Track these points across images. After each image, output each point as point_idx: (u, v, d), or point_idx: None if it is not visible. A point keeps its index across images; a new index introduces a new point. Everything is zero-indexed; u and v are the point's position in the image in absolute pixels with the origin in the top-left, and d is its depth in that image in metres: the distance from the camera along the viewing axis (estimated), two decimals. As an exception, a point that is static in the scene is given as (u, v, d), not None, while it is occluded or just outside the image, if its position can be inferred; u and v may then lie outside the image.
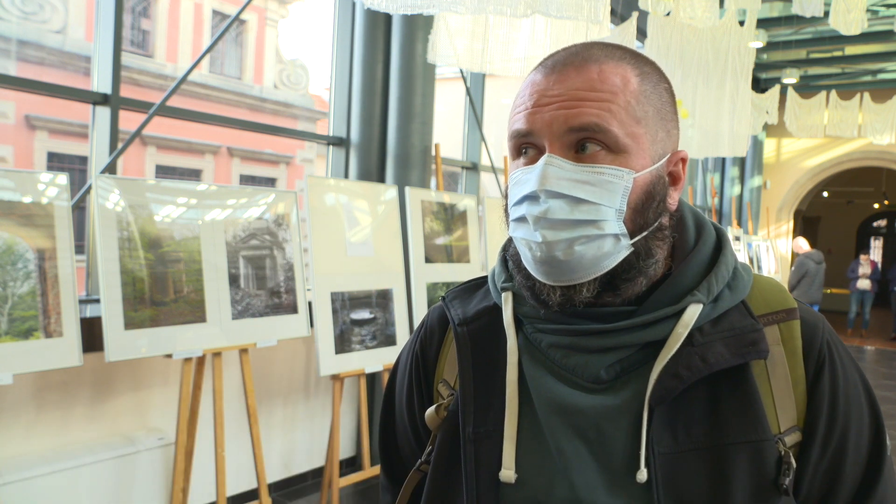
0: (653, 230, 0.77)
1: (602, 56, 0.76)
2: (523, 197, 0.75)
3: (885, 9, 7.57)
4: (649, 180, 0.76)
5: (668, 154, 0.79)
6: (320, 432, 4.06)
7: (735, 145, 5.58)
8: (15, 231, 2.38)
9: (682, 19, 3.98)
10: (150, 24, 14.90)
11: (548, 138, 0.74)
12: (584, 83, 0.74)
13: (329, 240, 3.36)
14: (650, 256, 0.77)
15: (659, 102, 0.78)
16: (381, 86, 4.36)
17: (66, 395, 2.95)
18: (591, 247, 0.73)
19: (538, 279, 0.77)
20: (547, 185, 0.73)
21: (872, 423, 0.79)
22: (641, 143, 0.75)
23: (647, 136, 0.76)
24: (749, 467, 0.71)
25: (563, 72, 0.75)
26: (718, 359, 0.73)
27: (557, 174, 0.73)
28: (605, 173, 0.73)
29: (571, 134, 0.74)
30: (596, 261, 0.74)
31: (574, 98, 0.74)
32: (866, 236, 18.76)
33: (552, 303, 0.77)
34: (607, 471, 0.74)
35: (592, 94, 0.73)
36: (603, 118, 0.73)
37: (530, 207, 0.74)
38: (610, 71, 0.75)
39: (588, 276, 0.75)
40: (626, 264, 0.76)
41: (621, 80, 0.75)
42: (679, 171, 0.80)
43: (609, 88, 0.74)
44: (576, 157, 0.74)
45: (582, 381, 0.77)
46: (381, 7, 2.58)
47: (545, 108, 0.75)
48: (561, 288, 0.76)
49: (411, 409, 0.92)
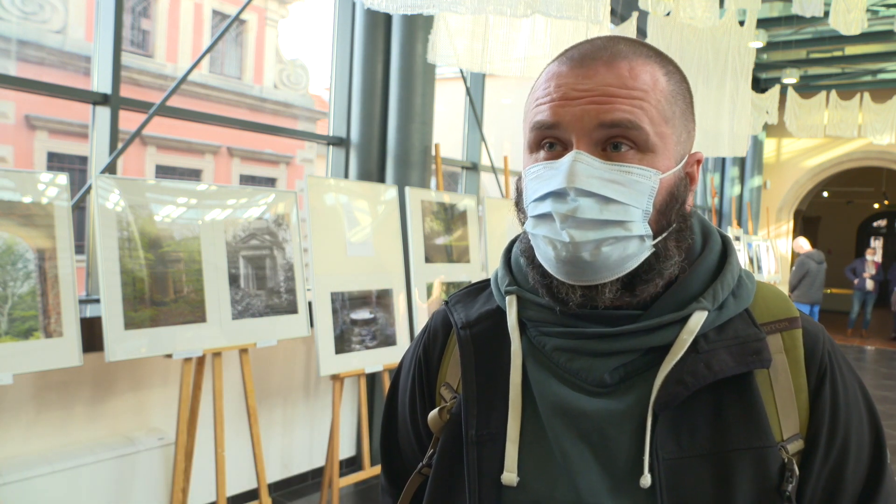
0: (672, 231, 0.77)
1: (630, 53, 0.74)
2: (548, 193, 0.73)
3: (885, 9, 7.56)
4: (673, 182, 0.76)
5: (686, 155, 0.79)
6: (320, 432, 4.06)
7: (735, 145, 5.57)
8: (15, 231, 2.38)
9: (682, 19, 3.98)
10: (150, 24, 14.90)
11: (576, 133, 0.72)
12: (615, 79, 0.72)
13: (329, 240, 3.36)
14: (669, 258, 0.76)
15: (684, 103, 0.78)
16: (381, 86, 4.36)
17: (66, 395, 2.95)
18: (617, 248, 0.72)
19: (557, 278, 0.76)
20: (576, 183, 0.71)
21: (872, 430, 0.79)
22: (668, 144, 0.75)
23: (673, 136, 0.75)
24: (752, 474, 0.71)
25: (592, 66, 0.73)
26: (723, 366, 0.73)
27: (587, 171, 0.71)
28: (634, 173, 0.72)
29: (602, 130, 0.72)
30: (621, 262, 0.73)
31: (606, 94, 0.72)
32: (866, 236, 18.74)
33: (572, 302, 0.76)
34: (611, 475, 0.74)
35: (624, 90, 0.72)
36: (636, 115, 0.71)
37: (557, 205, 0.72)
38: (640, 68, 0.74)
39: (611, 276, 0.74)
40: (647, 265, 0.75)
41: (651, 78, 0.74)
42: (694, 172, 0.80)
43: (641, 86, 0.73)
44: (602, 154, 0.73)
45: (586, 385, 0.77)
46: (381, 7, 2.58)
47: (574, 102, 0.72)
48: (582, 288, 0.75)
49: (414, 412, 0.92)
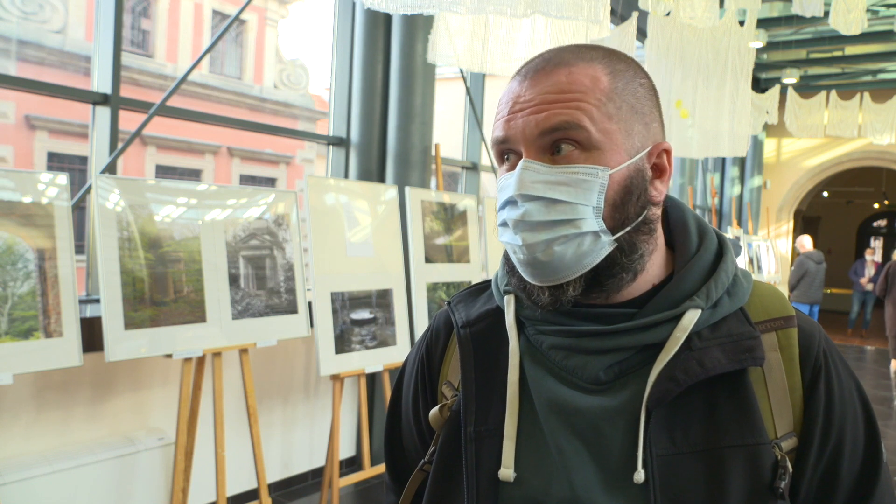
0: (636, 225, 0.78)
1: (572, 59, 0.77)
2: (505, 202, 0.78)
3: (885, 9, 7.57)
4: (626, 175, 0.77)
5: (647, 147, 0.79)
6: (320, 432, 4.06)
7: (735, 145, 5.58)
8: (15, 231, 2.38)
9: (682, 19, 3.98)
10: (150, 24, 14.90)
11: (523, 143, 0.77)
12: (552, 86, 0.76)
13: (329, 240, 3.36)
14: (634, 252, 0.78)
15: (633, 98, 0.78)
16: (381, 86, 4.36)
17: (66, 395, 2.95)
18: (569, 246, 0.75)
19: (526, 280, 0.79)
20: (523, 190, 0.75)
21: (868, 429, 0.80)
22: (615, 140, 0.76)
23: (620, 132, 0.76)
24: (745, 470, 0.72)
25: (535, 78, 0.77)
26: (715, 364, 0.74)
27: (533, 177, 0.75)
28: (580, 172, 0.75)
29: (544, 136, 0.75)
30: (577, 259, 0.76)
31: (544, 102, 0.75)
32: (866, 236, 18.74)
33: (542, 303, 0.79)
34: (605, 471, 0.75)
35: (561, 95, 0.75)
36: (573, 116, 0.74)
37: (510, 212, 0.77)
38: (579, 72, 0.76)
39: (571, 274, 0.76)
40: (610, 260, 0.77)
41: (590, 79, 0.76)
42: (664, 162, 0.81)
43: (578, 89, 0.75)
44: (551, 159, 0.76)
45: (581, 382, 0.78)
46: (381, 7, 2.58)
47: (518, 115, 0.77)
48: (548, 288, 0.78)
49: (417, 411, 0.94)
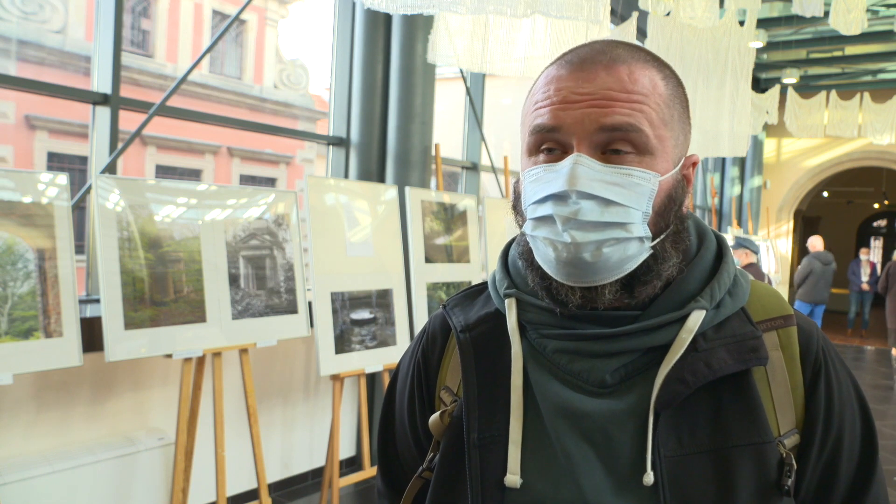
0: (670, 233, 0.78)
1: (629, 57, 0.76)
2: (549, 195, 0.74)
3: (885, 9, 7.57)
4: (671, 184, 0.77)
5: (683, 158, 0.80)
6: (320, 432, 4.06)
7: (735, 145, 5.58)
8: (15, 231, 2.38)
9: (682, 19, 3.98)
10: (150, 24, 14.90)
11: (577, 136, 0.73)
12: (615, 83, 0.73)
13: (329, 240, 3.36)
14: (666, 259, 0.78)
15: (681, 106, 0.79)
16: (381, 86, 4.36)
17: (66, 395, 2.95)
18: (618, 249, 0.73)
19: (557, 279, 0.77)
20: (578, 185, 0.72)
21: (864, 424, 0.82)
22: (667, 147, 0.76)
23: (671, 139, 0.77)
24: (752, 469, 0.73)
25: (592, 70, 0.74)
26: (722, 365, 0.74)
27: (588, 174, 0.72)
28: (635, 175, 0.73)
29: (602, 133, 0.73)
30: (620, 263, 0.74)
31: (606, 97, 0.73)
32: (866, 236, 18.75)
33: (571, 304, 0.77)
34: (614, 474, 0.75)
35: (624, 94, 0.73)
36: (636, 118, 0.73)
37: (558, 207, 0.73)
38: (639, 72, 0.75)
39: (611, 277, 0.75)
40: (645, 267, 0.76)
41: (650, 82, 0.75)
42: (690, 174, 0.81)
43: (640, 90, 0.74)
44: (602, 157, 0.74)
45: (587, 386, 0.78)
46: (381, 7, 2.58)
47: (574, 106, 0.73)
48: (581, 289, 0.76)
49: (413, 416, 0.92)
